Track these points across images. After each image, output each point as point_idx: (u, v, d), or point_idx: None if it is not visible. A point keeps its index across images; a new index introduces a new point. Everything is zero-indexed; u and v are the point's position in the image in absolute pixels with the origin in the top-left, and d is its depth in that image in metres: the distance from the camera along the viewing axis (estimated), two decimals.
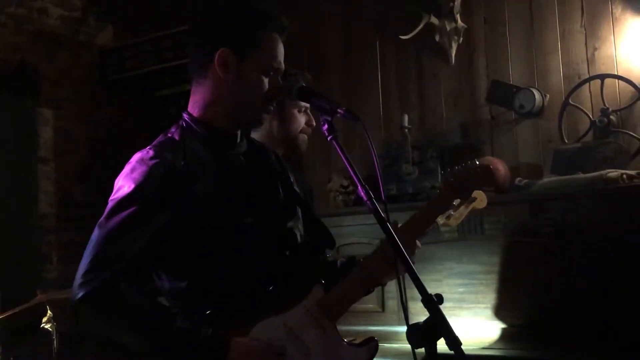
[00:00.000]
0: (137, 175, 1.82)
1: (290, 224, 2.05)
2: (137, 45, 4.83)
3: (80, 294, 1.72)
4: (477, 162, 2.13)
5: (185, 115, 1.99)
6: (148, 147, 1.90)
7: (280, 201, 2.07)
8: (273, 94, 1.96)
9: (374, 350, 1.95)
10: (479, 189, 2.18)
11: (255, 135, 2.79)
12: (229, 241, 1.88)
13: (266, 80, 1.93)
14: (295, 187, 2.19)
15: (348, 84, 4.54)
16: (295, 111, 2.76)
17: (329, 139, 1.77)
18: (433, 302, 1.53)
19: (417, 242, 2.08)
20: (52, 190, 4.60)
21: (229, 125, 1.98)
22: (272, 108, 1.99)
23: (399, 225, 2.05)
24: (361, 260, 2.19)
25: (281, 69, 1.98)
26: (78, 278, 1.74)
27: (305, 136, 2.82)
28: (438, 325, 1.51)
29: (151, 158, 1.84)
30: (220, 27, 1.95)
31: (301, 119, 2.79)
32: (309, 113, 2.82)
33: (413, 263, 1.97)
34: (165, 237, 1.81)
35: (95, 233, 1.79)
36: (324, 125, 1.78)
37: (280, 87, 1.97)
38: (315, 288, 1.92)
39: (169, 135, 1.96)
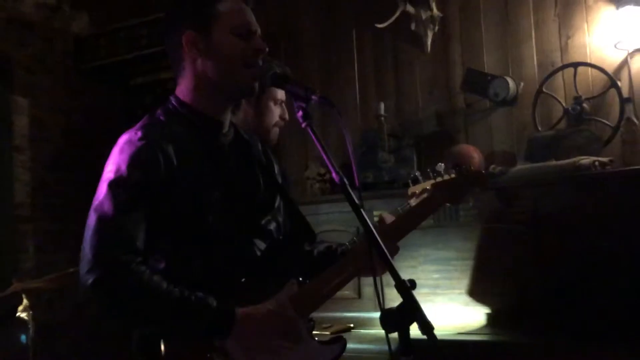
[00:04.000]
0: (126, 156, 1.82)
1: (268, 216, 2.05)
2: (112, 33, 4.79)
3: (92, 279, 1.70)
4: (472, 168, 2.13)
5: (172, 98, 1.99)
6: (135, 128, 1.89)
7: (260, 193, 2.07)
8: (255, 52, 1.94)
9: (342, 348, 1.96)
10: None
11: None
12: (207, 228, 1.88)
13: (240, 43, 1.92)
14: (279, 179, 2.18)
15: (325, 72, 4.53)
16: (271, 103, 2.77)
17: (303, 125, 1.75)
18: (406, 287, 1.53)
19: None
20: (27, 179, 4.55)
21: (217, 107, 1.98)
22: (258, 73, 1.94)
23: (382, 216, 2.06)
24: (338, 249, 2.21)
25: (253, 29, 1.96)
26: (85, 264, 1.73)
27: (277, 129, 2.83)
28: (411, 311, 1.51)
29: (139, 139, 1.84)
30: (178, 13, 1.98)
31: (276, 112, 2.79)
32: (284, 106, 2.83)
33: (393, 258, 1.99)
34: (155, 219, 1.81)
35: (93, 218, 1.78)
36: (298, 111, 1.76)
37: (264, 46, 1.95)
38: (289, 283, 1.92)
39: (155, 116, 1.96)
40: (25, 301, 3.36)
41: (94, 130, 4.71)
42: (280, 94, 2.80)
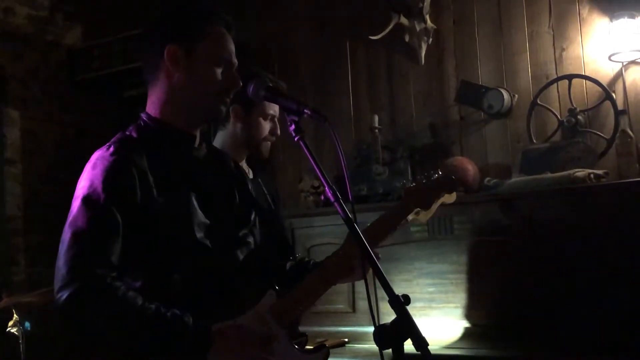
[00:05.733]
0: (98, 171, 1.82)
1: (244, 230, 2.06)
2: (105, 45, 4.78)
3: (66, 295, 1.69)
4: (441, 173, 2.17)
5: (142, 115, 2.00)
6: (107, 145, 1.90)
7: (235, 207, 2.08)
8: (230, 86, 1.96)
9: (325, 357, 1.96)
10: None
11: (219, 136, 2.81)
12: (183, 244, 1.87)
13: (218, 71, 1.95)
14: (253, 194, 2.20)
15: (318, 84, 4.53)
16: (261, 119, 2.78)
17: (295, 139, 1.76)
18: (399, 303, 1.52)
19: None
20: (19, 192, 4.54)
21: (186, 123, 1.99)
22: (228, 101, 1.98)
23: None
24: (312, 261, 2.23)
25: (233, 62, 1.99)
26: (59, 280, 1.71)
27: (269, 143, 2.84)
28: (404, 326, 1.50)
29: (111, 154, 1.84)
30: (165, 26, 1.99)
31: (266, 127, 2.80)
32: (276, 121, 2.83)
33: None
34: (131, 233, 1.80)
35: (67, 233, 1.77)
36: (291, 125, 1.77)
37: (238, 81, 1.97)
38: (268, 294, 1.93)
39: (127, 133, 1.97)
40: (15, 316, 3.33)
41: (86, 143, 4.69)
42: (271, 110, 2.80)
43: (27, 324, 3.37)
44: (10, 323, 3.33)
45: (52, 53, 4.86)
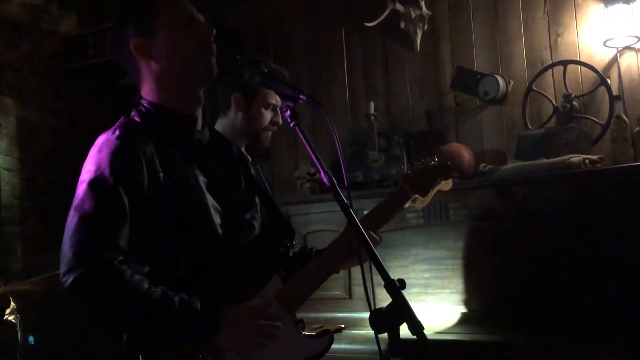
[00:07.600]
0: (105, 155, 1.81)
1: (248, 214, 2.06)
2: (100, 33, 4.75)
3: (72, 278, 1.68)
4: (437, 160, 2.19)
5: (143, 101, 1.99)
6: (113, 128, 1.89)
7: (241, 191, 2.08)
8: (205, 38, 1.95)
9: (330, 342, 1.98)
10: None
11: (219, 124, 2.80)
12: (190, 228, 1.87)
13: (186, 32, 1.94)
14: (256, 178, 2.20)
15: (314, 71, 4.53)
16: (262, 108, 2.76)
17: (291, 125, 1.77)
18: (395, 287, 1.53)
19: (377, 236, 2.10)
20: (16, 181, 4.53)
21: (185, 103, 1.99)
22: (215, 51, 1.96)
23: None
24: (315, 249, 2.24)
25: (195, 17, 1.97)
26: (65, 264, 1.71)
27: (270, 133, 2.83)
28: (400, 311, 1.51)
29: (117, 138, 1.83)
30: (119, 28, 2.01)
31: (267, 116, 2.79)
32: (277, 110, 2.82)
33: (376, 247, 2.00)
34: (138, 217, 1.80)
35: (73, 217, 1.76)
36: (286, 111, 1.78)
37: (212, 31, 1.96)
38: (273, 279, 1.95)
39: (131, 117, 1.96)
40: (12, 304, 3.34)
41: (82, 131, 4.67)
42: (272, 99, 2.79)
43: (31, 338, 3.38)
44: (8, 311, 3.34)
45: (47, 41, 4.83)
